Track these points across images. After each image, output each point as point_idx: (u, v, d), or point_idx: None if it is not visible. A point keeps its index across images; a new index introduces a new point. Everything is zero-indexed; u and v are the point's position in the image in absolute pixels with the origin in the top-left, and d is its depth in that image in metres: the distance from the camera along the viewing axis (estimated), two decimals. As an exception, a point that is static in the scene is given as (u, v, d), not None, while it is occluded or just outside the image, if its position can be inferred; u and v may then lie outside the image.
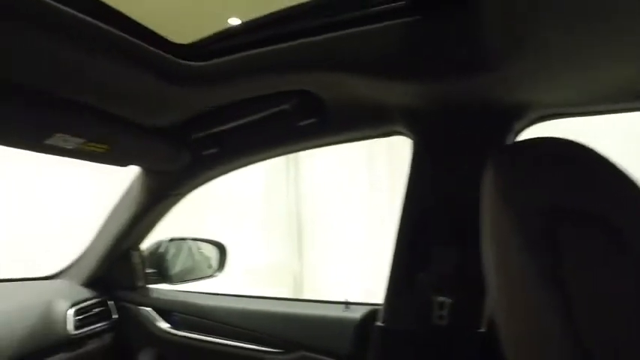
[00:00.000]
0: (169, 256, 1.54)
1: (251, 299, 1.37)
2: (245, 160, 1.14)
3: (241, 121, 0.95)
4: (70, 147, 0.91)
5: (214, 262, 1.60)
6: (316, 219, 4.09)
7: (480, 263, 0.57)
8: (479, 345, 0.91)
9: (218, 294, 1.41)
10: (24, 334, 1.21)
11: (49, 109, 0.81)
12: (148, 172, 1.21)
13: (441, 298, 0.89)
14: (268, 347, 1.24)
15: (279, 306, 1.29)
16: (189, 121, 0.98)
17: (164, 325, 1.40)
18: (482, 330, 0.91)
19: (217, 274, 1.58)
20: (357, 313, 1.15)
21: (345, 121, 0.95)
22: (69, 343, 1.30)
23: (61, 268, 1.51)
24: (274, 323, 1.25)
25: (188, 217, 1.49)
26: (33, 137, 0.85)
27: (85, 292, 1.42)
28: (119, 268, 1.46)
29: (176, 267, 1.56)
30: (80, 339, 1.33)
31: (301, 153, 4.07)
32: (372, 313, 1.15)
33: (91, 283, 1.46)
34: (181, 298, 1.43)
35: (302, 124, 0.92)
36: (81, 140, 0.89)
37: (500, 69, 0.75)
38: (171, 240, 1.55)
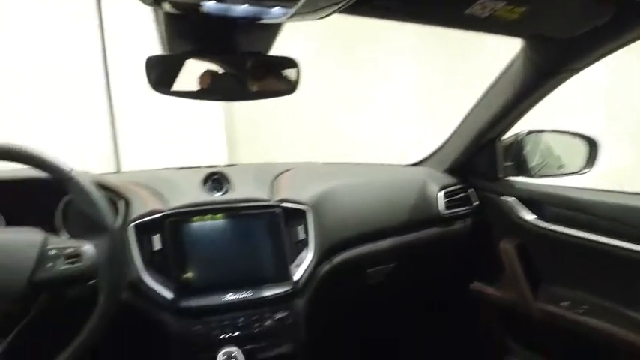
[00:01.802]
0: (527, 149, 1.47)
1: None
2: None
3: None
4: (486, 15, 0.89)
5: (581, 158, 1.44)
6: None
7: None
8: None
9: (597, 189, 1.27)
10: (408, 205, 1.41)
11: None
12: (536, 45, 1.10)
13: None
14: None
15: None
16: None
17: (529, 217, 1.37)
18: None
19: (586, 170, 1.42)
20: None
21: None
22: (440, 220, 1.45)
23: (423, 157, 1.66)
24: None
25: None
26: (457, 5, 0.87)
27: (449, 179, 1.52)
28: (481, 158, 1.49)
29: (534, 161, 1.48)
30: (448, 219, 1.46)
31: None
32: None
33: (452, 170, 1.55)
34: (549, 190, 1.35)
35: None
36: (500, 4, 0.86)
37: None
38: (530, 132, 1.46)
